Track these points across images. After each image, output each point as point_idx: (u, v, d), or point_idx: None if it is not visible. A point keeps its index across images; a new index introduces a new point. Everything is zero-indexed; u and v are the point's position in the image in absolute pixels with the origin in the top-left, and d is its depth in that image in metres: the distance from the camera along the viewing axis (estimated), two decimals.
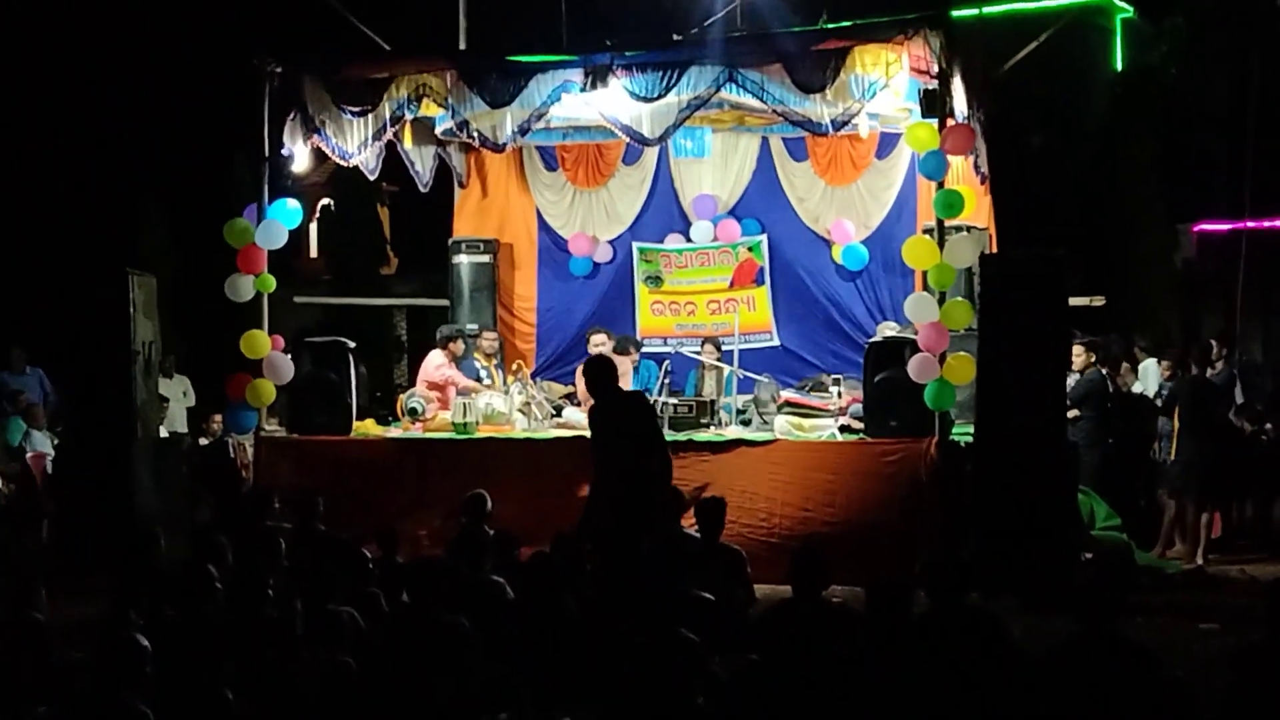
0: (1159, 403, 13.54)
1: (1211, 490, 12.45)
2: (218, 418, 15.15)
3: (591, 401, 10.16)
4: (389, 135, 13.19)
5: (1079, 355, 12.81)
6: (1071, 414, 11.93)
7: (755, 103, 12.44)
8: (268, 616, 7.91)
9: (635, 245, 15.47)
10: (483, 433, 12.66)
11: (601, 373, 9.95)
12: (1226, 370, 13.84)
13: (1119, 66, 20.95)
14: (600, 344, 13.83)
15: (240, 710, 6.96)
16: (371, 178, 14.27)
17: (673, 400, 12.73)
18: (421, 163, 14.56)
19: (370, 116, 12.87)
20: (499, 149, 13.40)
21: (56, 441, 13.91)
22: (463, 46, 16.24)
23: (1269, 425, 13.50)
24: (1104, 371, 12.96)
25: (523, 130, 12.89)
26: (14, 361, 15.57)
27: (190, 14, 18.61)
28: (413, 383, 14.90)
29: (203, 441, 15.19)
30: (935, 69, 11.62)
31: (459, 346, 13.94)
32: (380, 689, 7.18)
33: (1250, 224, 20.17)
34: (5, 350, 15.66)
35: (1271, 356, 19.11)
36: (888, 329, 13.50)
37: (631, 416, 9.61)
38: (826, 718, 6.41)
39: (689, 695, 6.78)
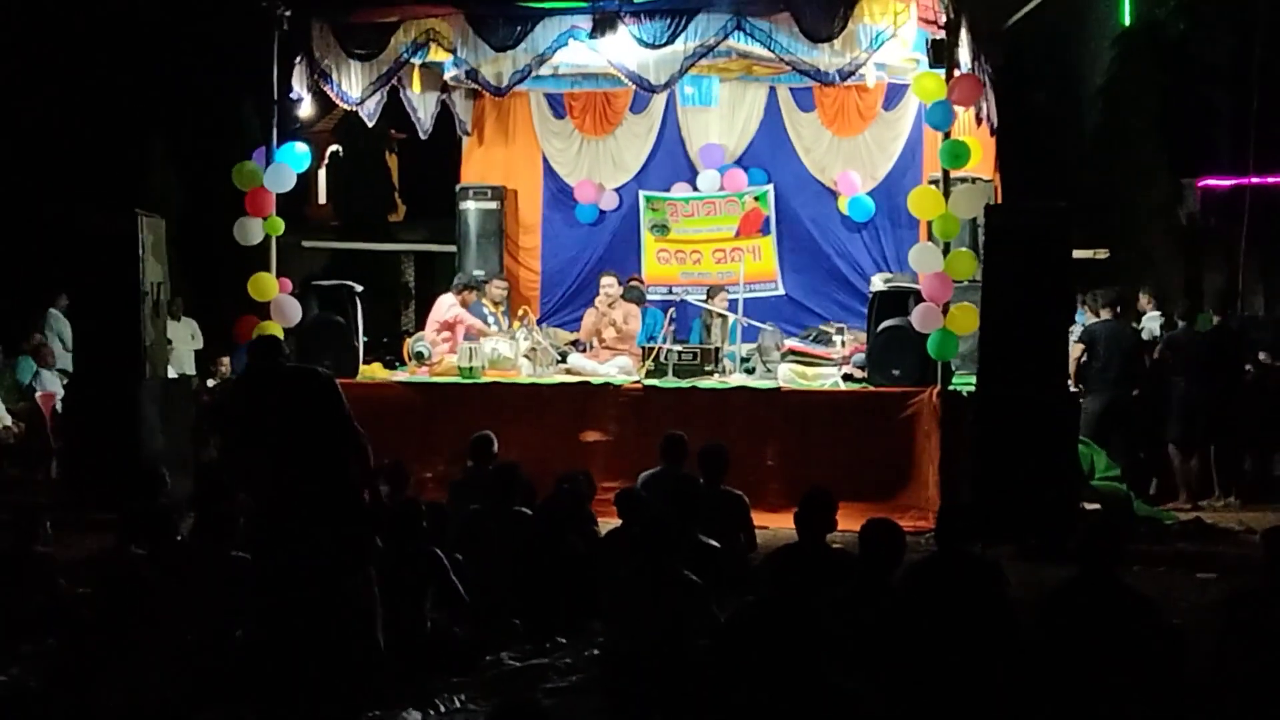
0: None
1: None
2: (226, 360, 15.24)
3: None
4: (394, 80, 13.22)
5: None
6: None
7: (763, 51, 12.44)
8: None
9: (642, 194, 15.50)
10: (488, 377, 12.74)
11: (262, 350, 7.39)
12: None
13: (1126, 21, 20.97)
14: (610, 285, 13.90)
15: (242, 644, 7.10)
16: (370, 124, 14.23)
17: (677, 348, 12.81)
18: (424, 109, 14.55)
19: (376, 61, 12.88)
20: (499, 93, 13.39)
21: (65, 381, 13.98)
22: None
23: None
24: (1110, 320, 13.06)
25: (523, 75, 12.89)
26: (59, 301, 15.58)
27: None
28: (420, 327, 14.97)
29: (210, 383, 15.27)
30: (943, 19, 11.64)
31: (471, 297, 14.01)
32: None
33: (1254, 180, 20.22)
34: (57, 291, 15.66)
35: (1273, 311, 19.16)
36: (880, 279, 13.59)
37: (303, 398, 7.07)
38: (825, 660, 6.51)
39: (691, 635, 6.89)
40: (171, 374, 14.22)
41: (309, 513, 6.91)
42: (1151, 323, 14.34)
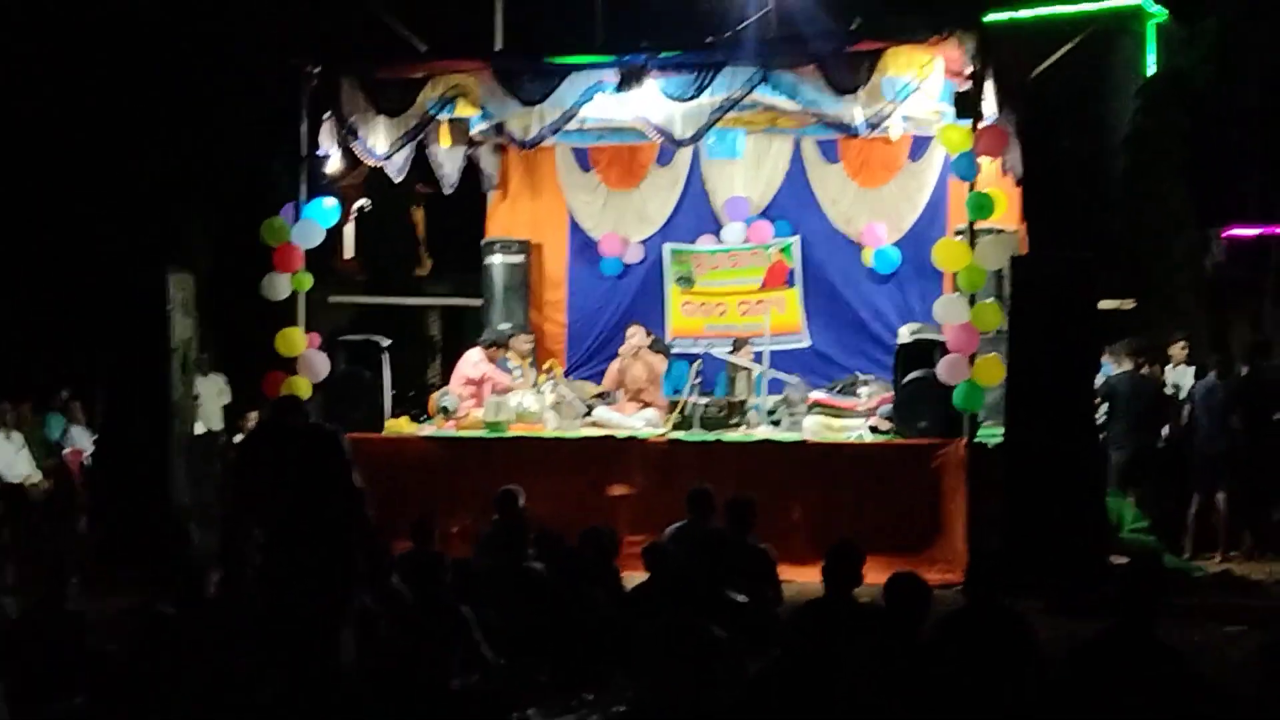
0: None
1: None
2: (253, 415, 15.26)
3: None
4: (422, 135, 13.31)
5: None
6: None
7: (788, 104, 12.52)
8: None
9: (667, 246, 15.53)
10: (514, 431, 12.78)
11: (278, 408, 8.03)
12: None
13: (1151, 70, 20.99)
14: (635, 335, 13.92)
15: (270, 698, 7.09)
16: (398, 179, 14.24)
17: (703, 400, 12.83)
18: (450, 164, 14.60)
19: (404, 117, 12.98)
20: (526, 146, 13.48)
21: (95, 437, 14.05)
22: (499, 47, 16.34)
23: None
24: (1132, 372, 13.02)
25: (553, 129, 12.97)
26: None
27: (230, 14, 18.77)
28: (446, 382, 15.01)
29: (237, 439, 15.30)
30: (969, 71, 11.69)
31: (498, 354, 14.04)
32: (404, 682, 7.28)
33: None
34: None
35: None
36: (908, 330, 13.59)
37: (307, 453, 7.47)
38: (852, 715, 6.47)
39: (717, 691, 6.86)
40: (199, 429, 14.26)
41: (299, 563, 7.16)
42: (1182, 376, 14.23)
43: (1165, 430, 13.28)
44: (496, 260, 15.53)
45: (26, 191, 18.16)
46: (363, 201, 23.42)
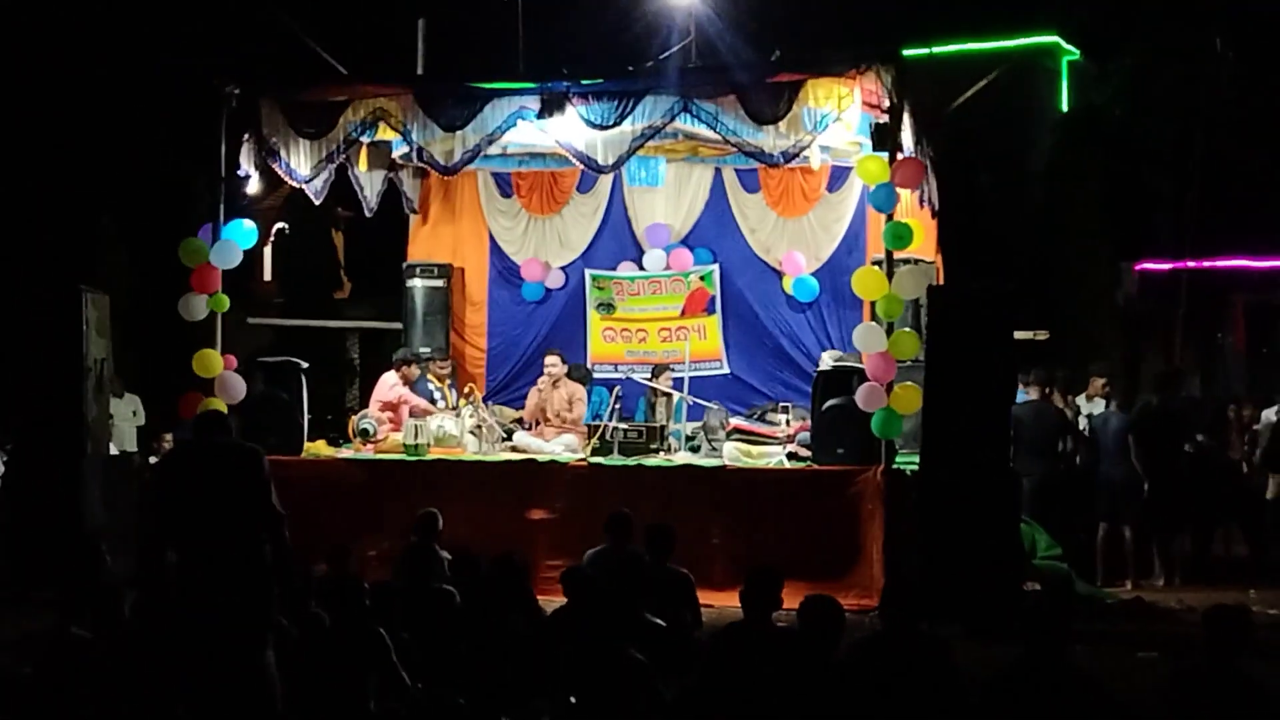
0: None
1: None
2: (169, 436, 15.12)
3: None
4: (342, 158, 13.26)
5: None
6: None
7: (709, 133, 12.58)
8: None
9: (588, 272, 15.57)
10: (434, 454, 12.74)
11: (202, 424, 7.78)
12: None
13: (1065, 106, 21.34)
14: (553, 364, 13.92)
15: None
16: (317, 201, 14.10)
17: (623, 426, 12.84)
18: (370, 188, 14.52)
19: (324, 140, 12.93)
20: (447, 172, 13.46)
21: (6, 458, 13.86)
22: (420, 72, 16.33)
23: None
24: (1037, 400, 13.19)
25: (472, 155, 12.96)
26: None
27: (150, 34, 18.67)
28: (365, 405, 14.94)
29: (153, 460, 15.14)
30: (886, 104, 11.82)
31: (413, 371, 14.03)
32: (322, 706, 7.23)
33: (1190, 264, 20.58)
34: None
35: (1208, 392, 19.44)
36: (830, 357, 13.69)
37: (228, 473, 7.42)
38: None
39: (637, 715, 6.88)
40: (113, 451, 14.11)
41: (217, 583, 7.13)
42: (1095, 408, 14.43)
43: (1078, 459, 13.45)
44: (417, 284, 15.48)
45: None
46: (281, 224, 23.34)
